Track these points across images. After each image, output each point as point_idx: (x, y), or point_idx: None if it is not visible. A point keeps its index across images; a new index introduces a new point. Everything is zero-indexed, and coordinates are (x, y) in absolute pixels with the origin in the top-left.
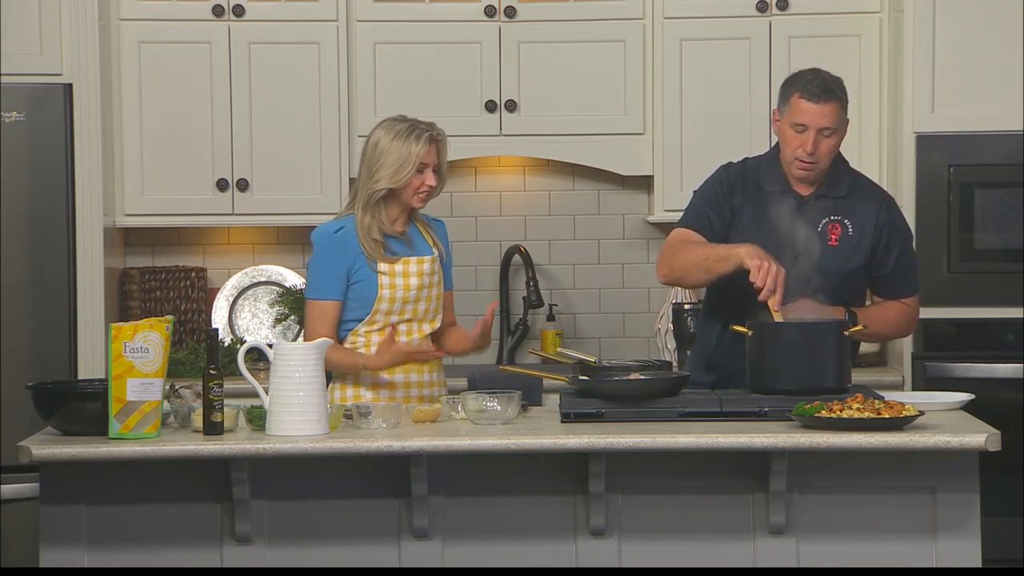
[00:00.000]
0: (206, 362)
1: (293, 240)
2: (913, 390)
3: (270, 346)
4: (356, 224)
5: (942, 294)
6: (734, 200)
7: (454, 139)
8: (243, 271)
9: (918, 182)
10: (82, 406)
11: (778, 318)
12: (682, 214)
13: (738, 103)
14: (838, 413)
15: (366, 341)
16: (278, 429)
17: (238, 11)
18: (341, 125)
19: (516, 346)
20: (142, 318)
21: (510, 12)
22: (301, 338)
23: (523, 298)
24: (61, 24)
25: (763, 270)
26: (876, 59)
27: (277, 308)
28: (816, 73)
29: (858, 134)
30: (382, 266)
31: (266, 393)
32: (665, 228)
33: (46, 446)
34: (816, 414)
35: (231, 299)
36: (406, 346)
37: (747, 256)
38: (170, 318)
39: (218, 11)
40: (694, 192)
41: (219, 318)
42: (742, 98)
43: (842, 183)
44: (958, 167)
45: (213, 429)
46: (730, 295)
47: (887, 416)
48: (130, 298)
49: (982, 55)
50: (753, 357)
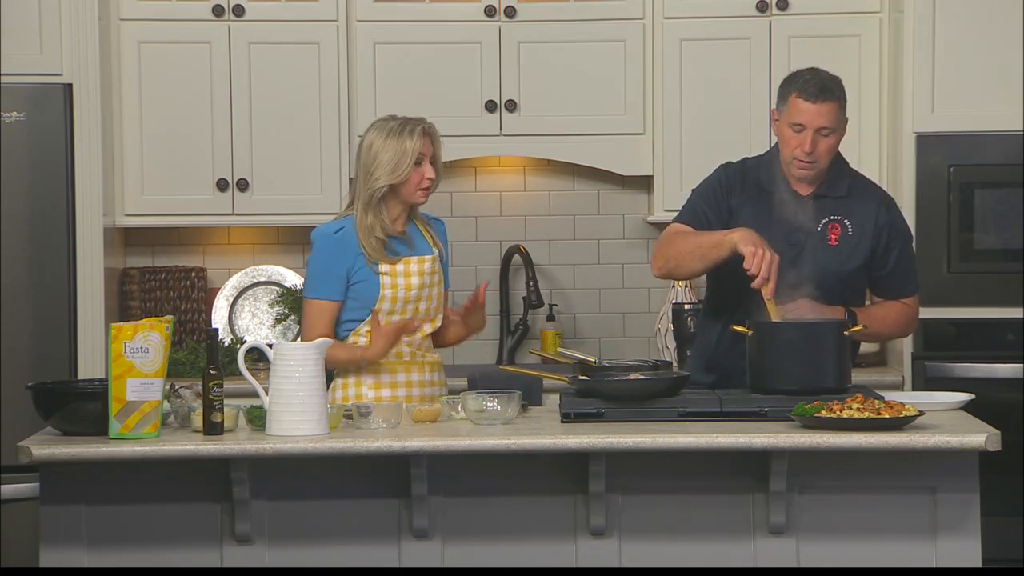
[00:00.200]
0: (206, 362)
1: (293, 240)
2: (913, 390)
3: (270, 346)
4: (356, 225)
5: (942, 294)
6: (732, 199)
7: (454, 139)
8: (243, 271)
9: (918, 182)
10: (82, 406)
11: (770, 307)
12: (680, 210)
13: (738, 103)
14: (838, 413)
15: (367, 341)
16: (278, 429)
17: (238, 11)
18: (341, 125)
19: (516, 346)
20: (142, 318)
21: (510, 12)
22: (301, 338)
23: (523, 298)
24: (61, 24)
25: (757, 257)
26: (876, 59)
27: (277, 308)
28: (814, 73)
29: (858, 134)
30: (383, 266)
31: (266, 393)
32: (665, 228)
33: (46, 446)
34: (816, 414)
35: (231, 299)
36: (393, 325)
37: (741, 241)
38: (170, 318)
39: (218, 11)
40: (692, 190)
41: (219, 318)
42: (742, 98)
43: (842, 183)
44: (958, 167)
45: (213, 429)
46: (730, 295)
47: (887, 416)
48: (130, 298)
49: (982, 55)
50: (753, 357)
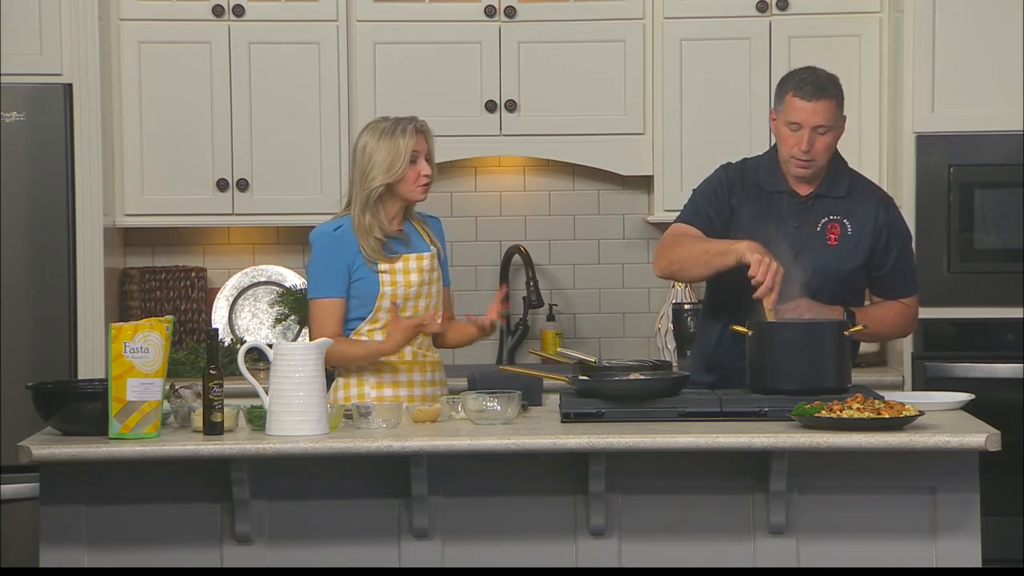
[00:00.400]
0: (206, 362)
1: (293, 240)
2: (913, 390)
3: (270, 346)
4: (354, 225)
5: (942, 294)
6: (733, 199)
7: (454, 139)
8: (243, 271)
9: (918, 182)
10: (82, 406)
11: (771, 317)
12: (681, 211)
13: (738, 103)
14: (838, 413)
15: (369, 340)
16: (278, 429)
17: (238, 11)
18: (341, 125)
19: (516, 346)
20: (142, 318)
21: (510, 12)
22: (302, 338)
23: (523, 298)
24: (61, 24)
25: (763, 265)
26: (876, 59)
27: (277, 308)
28: (811, 71)
29: (858, 134)
30: (382, 265)
31: (266, 393)
32: (665, 228)
33: (46, 446)
34: (816, 414)
35: (231, 299)
36: (411, 319)
37: (748, 250)
38: (170, 318)
39: (218, 11)
40: (693, 190)
41: (219, 318)
42: (742, 98)
43: (841, 183)
44: (958, 167)
45: (213, 429)
46: (729, 295)
47: (887, 416)
48: (130, 298)
49: (982, 55)
50: (753, 357)
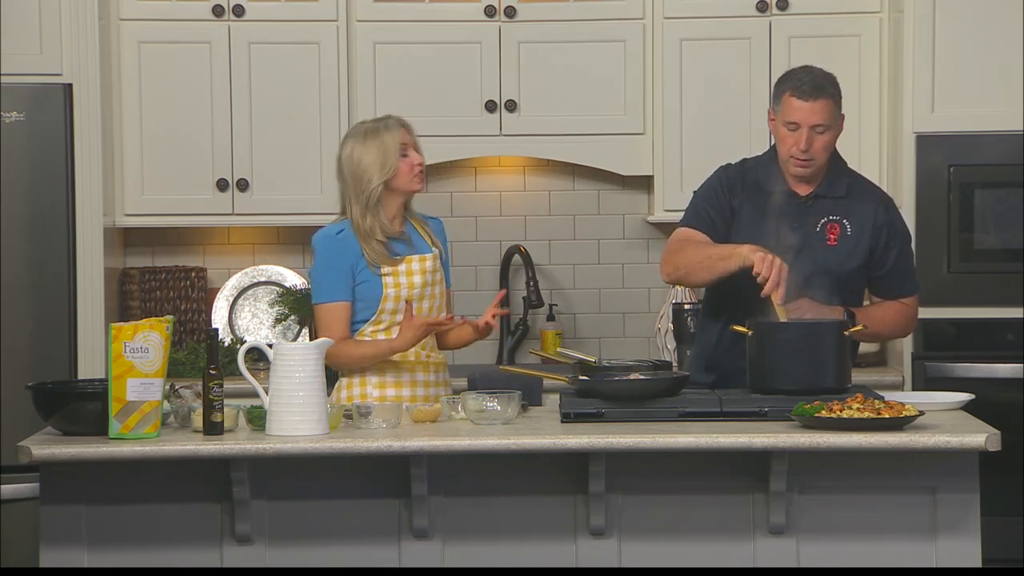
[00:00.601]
0: (206, 362)
1: (293, 240)
2: (913, 390)
3: (270, 346)
4: (354, 229)
5: (942, 294)
6: (734, 200)
7: (454, 139)
8: (243, 271)
9: (918, 182)
10: (82, 406)
11: (780, 312)
12: (683, 215)
13: (738, 103)
14: (838, 413)
15: (380, 339)
16: (278, 429)
17: (238, 11)
18: (341, 125)
19: (516, 346)
20: (142, 318)
21: (510, 12)
22: (302, 338)
23: (523, 298)
24: (61, 24)
25: (767, 262)
26: (876, 59)
27: (277, 308)
28: (807, 71)
29: (858, 134)
30: (385, 268)
31: (266, 393)
32: (665, 228)
33: (46, 446)
34: (816, 414)
35: (231, 299)
36: (425, 318)
37: (750, 252)
38: (170, 318)
39: (218, 11)
40: (694, 193)
41: (219, 318)
42: (742, 98)
43: (841, 183)
44: (958, 167)
45: (213, 429)
46: (729, 295)
47: (887, 416)
48: (130, 298)
49: (982, 55)
50: (753, 357)
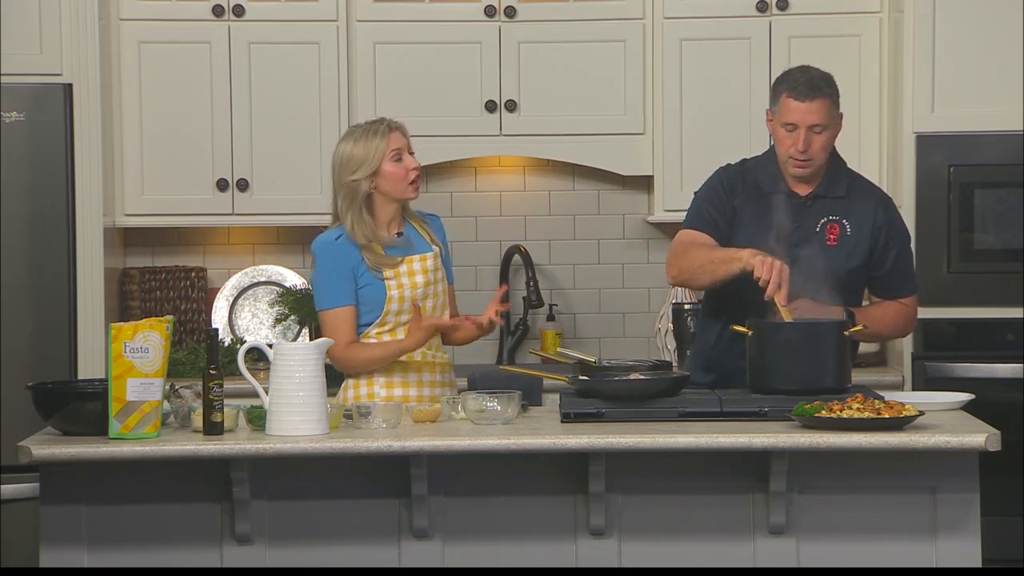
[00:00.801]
0: (206, 362)
1: (293, 240)
2: (913, 390)
3: (270, 346)
4: (349, 236)
5: (942, 294)
6: (735, 200)
7: (454, 139)
8: (243, 271)
9: (918, 182)
10: (82, 406)
11: (785, 313)
12: (685, 217)
13: (738, 103)
14: (838, 413)
15: (389, 340)
16: (278, 429)
17: (238, 11)
18: (341, 125)
19: (516, 346)
20: (142, 318)
21: (510, 12)
22: (302, 338)
23: (523, 298)
24: (61, 24)
25: (767, 264)
26: (876, 59)
27: (277, 308)
28: (804, 71)
29: (858, 134)
30: (387, 272)
31: (266, 393)
32: (665, 228)
33: (46, 446)
34: (816, 414)
35: (231, 299)
36: (432, 319)
37: (750, 256)
38: (170, 318)
39: (218, 11)
40: (695, 194)
41: (219, 318)
42: (742, 98)
43: (840, 183)
44: (958, 167)
45: (213, 429)
46: (729, 295)
47: (887, 416)
48: (130, 298)
49: (982, 55)
50: (753, 357)
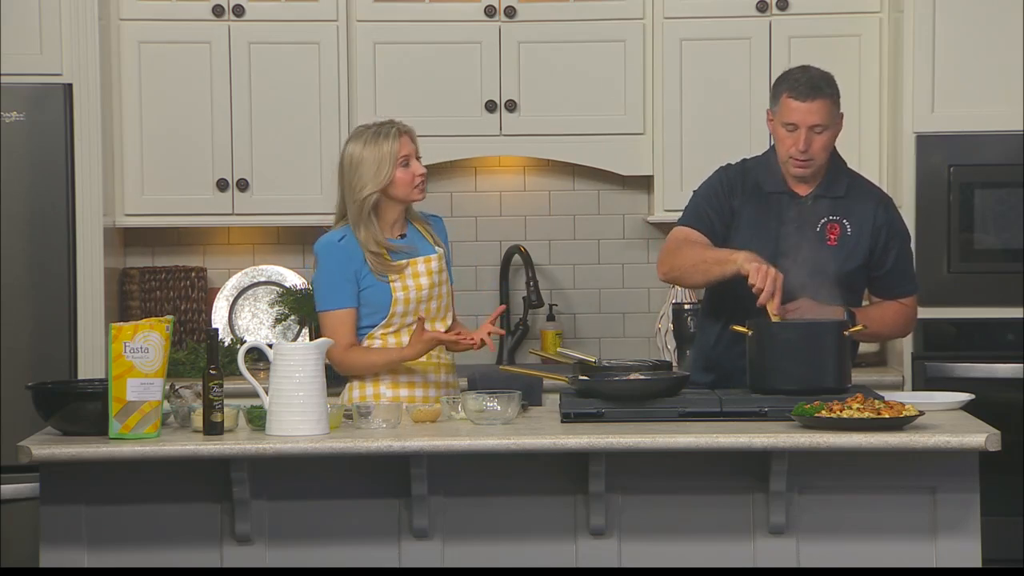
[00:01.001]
0: (206, 362)
1: (293, 240)
2: (913, 390)
3: (270, 346)
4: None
5: (942, 294)
6: (734, 200)
7: (454, 139)
8: (243, 271)
9: (918, 182)
10: (82, 406)
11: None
12: (682, 213)
13: (738, 103)
14: (838, 413)
15: (382, 344)
16: (278, 429)
17: (238, 11)
18: (341, 125)
19: (516, 346)
20: (142, 318)
21: (510, 12)
22: (302, 338)
23: (523, 298)
24: (61, 24)
25: (761, 272)
26: (876, 59)
27: (277, 308)
28: (804, 70)
29: (858, 134)
30: (391, 275)
31: (266, 393)
32: (665, 228)
33: (46, 446)
34: (816, 414)
35: (231, 299)
36: (437, 333)
37: (745, 261)
38: (170, 318)
39: (218, 11)
40: (694, 192)
41: (219, 318)
42: (742, 98)
43: (840, 183)
44: (958, 167)
45: (213, 429)
46: (728, 295)
47: (887, 416)
48: (130, 298)
49: (982, 55)
50: (753, 357)
